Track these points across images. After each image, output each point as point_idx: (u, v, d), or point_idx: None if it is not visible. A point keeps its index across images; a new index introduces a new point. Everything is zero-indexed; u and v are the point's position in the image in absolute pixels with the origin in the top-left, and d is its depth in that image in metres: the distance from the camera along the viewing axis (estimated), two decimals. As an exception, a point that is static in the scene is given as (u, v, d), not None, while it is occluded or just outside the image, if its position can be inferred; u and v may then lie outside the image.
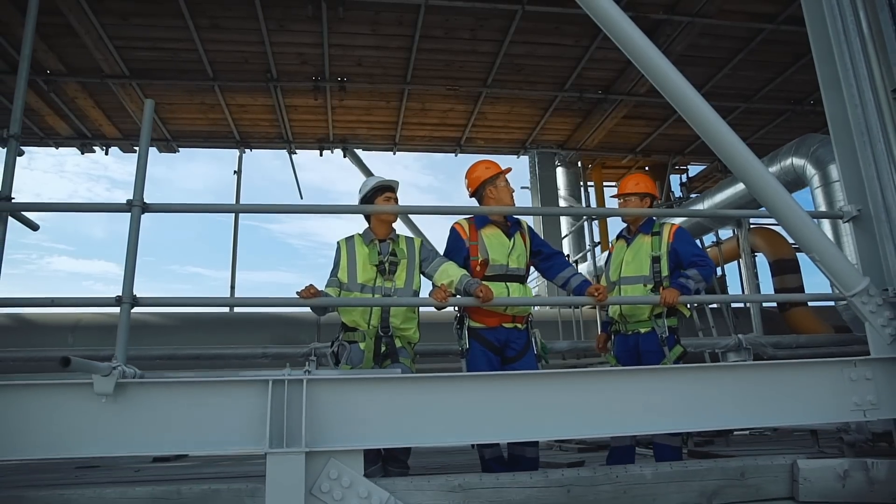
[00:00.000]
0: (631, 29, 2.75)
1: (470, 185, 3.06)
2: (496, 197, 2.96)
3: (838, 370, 2.68)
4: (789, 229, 2.89)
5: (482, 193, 2.98)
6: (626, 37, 2.74)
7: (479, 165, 3.05)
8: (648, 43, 2.74)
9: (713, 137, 2.79)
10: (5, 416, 2.16)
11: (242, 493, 2.34)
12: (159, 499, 2.31)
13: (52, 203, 2.80)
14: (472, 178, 3.04)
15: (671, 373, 2.56)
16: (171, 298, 2.56)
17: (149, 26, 5.45)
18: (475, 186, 3.01)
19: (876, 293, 2.77)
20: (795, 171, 5.38)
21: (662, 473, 2.59)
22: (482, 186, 2.98)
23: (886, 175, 2.85)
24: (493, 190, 2.96)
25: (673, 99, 2.78)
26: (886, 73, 2.92)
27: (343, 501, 2.24)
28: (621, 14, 2.73)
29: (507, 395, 2.39)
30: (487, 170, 3.01)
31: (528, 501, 2.48)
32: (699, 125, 2.80)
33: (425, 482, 2.43)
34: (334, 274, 2.84)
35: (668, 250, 3.12)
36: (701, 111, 2.78)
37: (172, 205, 2.67)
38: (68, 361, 1.95)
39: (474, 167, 3.06)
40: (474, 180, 3.03)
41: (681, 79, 2.76)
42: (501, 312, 2.80)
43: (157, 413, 2.24)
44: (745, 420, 2.57)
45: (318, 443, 2.23)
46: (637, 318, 3.10)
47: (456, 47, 5.98)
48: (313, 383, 2.30)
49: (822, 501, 2.61)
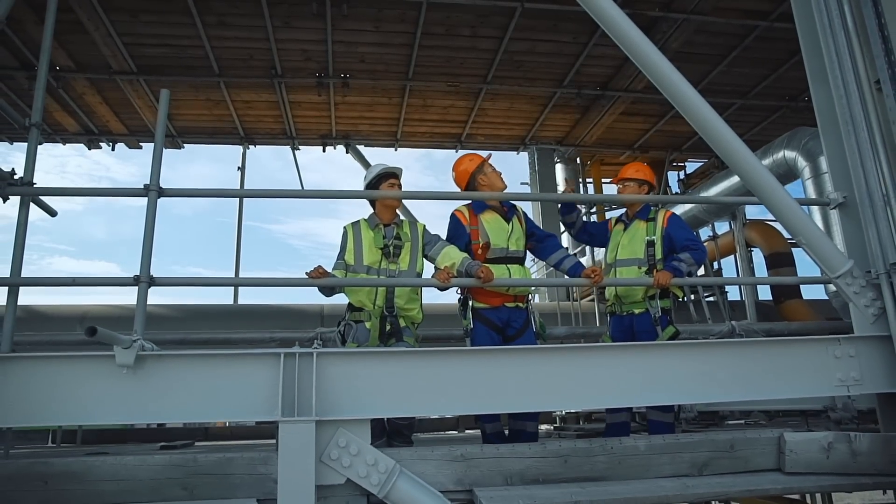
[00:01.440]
0: (628, 26, 2.87)
1: (459, 178, 3.20)
2: (488, 183, 3.11)
3: (824, 348, 2.81)
4: (778, 215, 3.02)
5: (474, 184, 3.11)
6: (624, 34, 2.86)
7: (463, 160, 3.20)
8: (645, 40, 2.86)
9: (707, 129, 2.92)
10: (34, 386, 2.29)
11: (256, 461, 2.47)
12: (177, 466, 2.44)
13: (72, 188, 2.92)
14: (460, 171, 3.19)
15: (664, 348, 2.69)
16: (185, 278, 2.68)
17: (157, 23, 5.59)
18: (466, 179, 3.15)
19: (860, 275, 2.90)
20: (787, 163, 5.52)
21: (655, 445, 2.72)
22: (472, 178, 3.12)
23: (870, 163, 2.98)
24: (483, 178, 3.10)
25: (668, 93, 2.90)
26: (870, 66, 3.05)
27: (351, 468, 2.37)
28: (619, 11, 2.85)
29: (508, 369, 2.51)
30: (472, 161, 3.16)
31: (527, 471, 2.61)
32: (693, 117, 2.92)
33: (429, 452, 2.55)
34: (341, 257, 2.97)
35: (663, 235, 3.26)
36: (694, 103, 2.90)
37: (186, 189, 2.79)
38: (94, 331, 2.07)
39: (459, 162, 3.22)
40: (462, 173, 3.17)
41: (674, 72, 2.89)
42: (503, 293, 2.93)
43: (174, 384, 2.37)
44: (735, 394, 2.69)
45: (328, 413, 2.36)
46: (632, 299, 3.23)
47: (457, 44, 6.11)
48: (322, 357, 2.42)
49: (807, 472, 2.73)
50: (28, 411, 2.29)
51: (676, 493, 2.58)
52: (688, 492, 2.59)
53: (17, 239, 2.76)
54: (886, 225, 2.87)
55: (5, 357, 2.33)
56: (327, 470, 2.34)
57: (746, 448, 2.77)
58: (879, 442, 2.76)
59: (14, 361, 2.31)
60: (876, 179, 2.95)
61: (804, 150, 5.32)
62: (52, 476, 2.34)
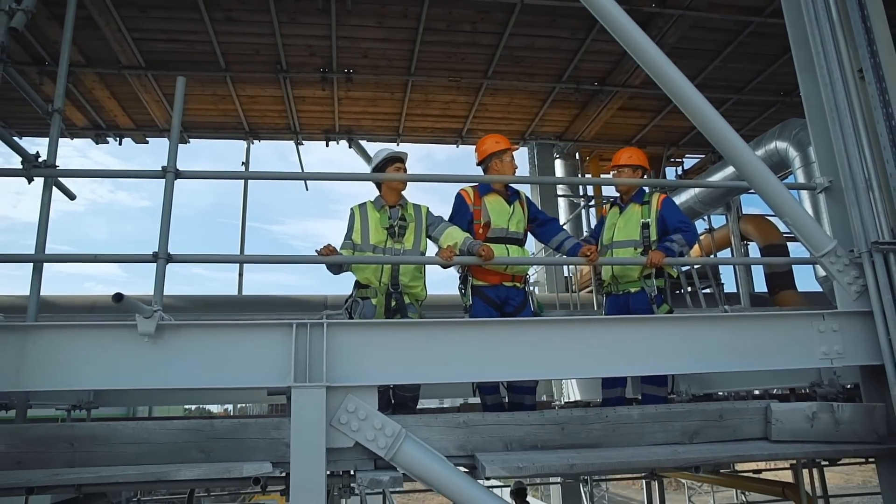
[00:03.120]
0: (626, 21, 3.01)
1: (479, 155, 3.36)
2: (500, 170, 3.26)
3: (808, 322, 2.95)
4: (766, 198, 3.16)
5: (488, 164, 3.27)
6: (623, 29, 3.01)
7: (489, 139, 3.35)
8: (643, 34, 3.01)
9: (698, 116, 3.06)
10: (62, 353, 2.43)
11: (269, 426, 2.61)
12: (195, 430, 2.58)
13: (93, 170, 3.07)
14: (482, 149, 3.35)
15: (657, 321, 2.83)
16: (202, 256, 2.82)
17: (166, 18, 5.73)
18: (483, 157, 3.31)
19: (843, 254, 3.04)
20: (779, 153, 5.67)
21: (648, 414, 2.86)
22: (489, 158, 3.28)
23: (853, 147, 3.12)
24: (498, 163, 3.26)
25: (664, 85, 3.04)
26: (853, 55, 3.19)
27: (360, 432, 2.50)
28: (617, 7, 2.99)
29: (506, 339, 2.65)
30: (497, 144, 3.31)
31: (526, 438, 2.75)
32: (685, 104, 3.06)
33: (433, 419, 2.70)
34: (348, 237, 3.11)
35: (657, 217, 3.41)
36: (689, 95, 3.05)
37: (202, 171, 2.94)
38: (121, 297, 2.21)
39: (485, 139, 3.37)
40: (483, 152, 3.33)
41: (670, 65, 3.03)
42: (502, 272, 3.07)
43: (192, 352, 2.51)
44: (724, 365, 2.83)
45: (337, 380, 2.50)
46: (628, 278, 3.38)
47: (458, 39, 6.25)
48: (333, 327, 2.56)
49: (792, 440, 2.87)
50: (54, 376, 2.43)
51: (668, 458, 2.72)
52: (678, 457, 2.72)
53: (40, 219, 2.90)
54: (868, 206, 3.02)
55: (32, 326, 2.47)
56: (337, 434, 2.47)
57: (735, 417, 2.91)
58: (861, 411, 2.91)
59: (41, 329, 2.45)
60: (859, 164, 3.10)
61: (795, 140, 5.47)
62: (78, 439, 2.48)
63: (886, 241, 2.90)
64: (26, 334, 2.42)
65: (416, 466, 2.47)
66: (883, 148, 3.02)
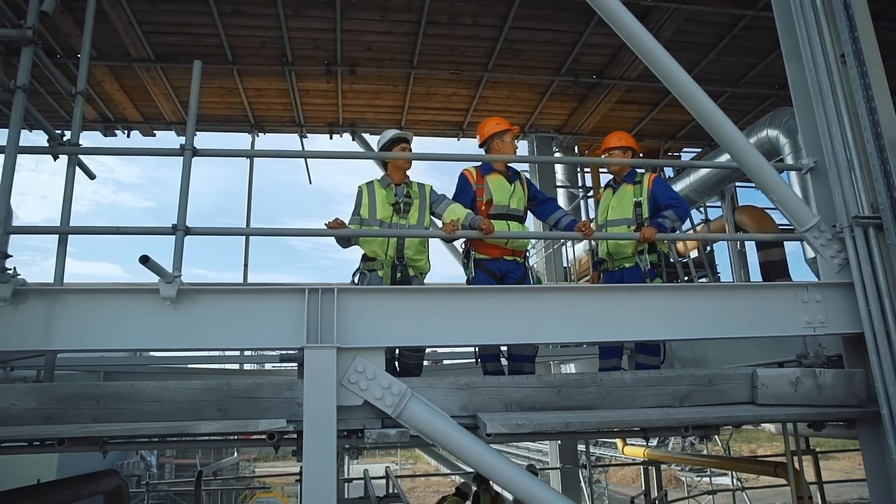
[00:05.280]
0: (624, 13, 3.18)
1: (481, 137, 3.54)
2: (501, 150, 3.43)
3: (793, 293, 3.11)
4: (754, 177, 3.33)
5: (490, 145, 3.45)
6: (621, 21, 3.17)
7: (490, 121, 3.54)
8: (639, 24, 3.17)
9: (693, 104, 3.22)
10: (89, 315, 2.59)
11: (282, 386, 2.77)
12: (212, 389, 2.74)
13: (113, 148, 3.23)
14: (483, 132, 3.53)
15: (649, 290, 2.99)
16: (217, 228, 2.98)
17: (175, 11, 5.89)
18: (485, 138, 3.49)
19: (826, 229, 3.21)
20: (770, 141, 5.83)
21: (640, 379, 3.02)
22: (491, 139, 3.46)
23: (836, 129, 3.28)
24: (499, 143, 3.44)
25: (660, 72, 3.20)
26: (836, 41, 3.35)
27: (368, 391, 2.66)
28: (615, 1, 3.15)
29: (505, 306, 2.81)
30: (497, 125, 3.49)
31: (525, 399, 2.91)
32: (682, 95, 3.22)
33: (437, 381, 2.85)
34: (356, 213, 3.28)
35: (649, 196, 3.57)
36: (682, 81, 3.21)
37: (218, 150, 3.10)
38: (147, 259, 2.37)
39: (486, 122, 3.55)
40: (484, 133, 3.51)
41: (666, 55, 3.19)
42: (502, 246, 3.24)
43: (211, 315, 2.67)
44: (712, 331, 2.99)
45: (347, 341, 2.66)
46: (622, 255, 3.54)
47: (459, 33, 6.41)
48: (343, 293, 2.72)
49: (777, 404, 3.03)
50: (81, 336, 2.59)
51: (659, 418, 2.87)
52: (669, 418, 2.88)
53: (65, 194, 3.07)
54: (850, 184, 3.18)
55: (60, 289, 2.63)
56: (347, 392, 2.63)
57: (723, 382, 3.07)
58: (842, 377, 3.06)
59: (69, 293, 2.61)
60: (841, 144, 3.26)
61: (785, 127, 5.64)
62: (103, 397, 2.64)
63: (866, 215, 3.06)
64: (55, 298, 2.59)
65: (422, 424, 2.63)
66: (864, 128, 3.17)
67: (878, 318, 2.91)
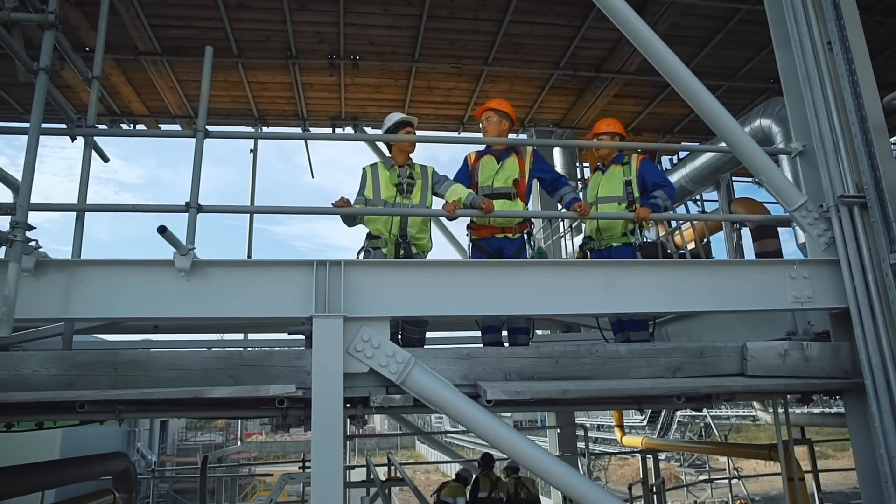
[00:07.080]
0: (623, 6, 3.30)
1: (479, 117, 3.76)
2: (485, 129, 3.66)
3: (781, 269, 3.23)
4: (743, 158, 3.45)
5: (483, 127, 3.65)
6: (620, 14, 3.29)
7: (481, 108, 3.71)
8: (637, 17, 3.29)
9: (686, 91, 3.35)
10: (110, 286, 2.71)
11: (291, 355, 2.89)
12: (225, 358, 2.87)
13: (129, 130, 3.35)
14: (477, 112, 3.71)
15: (642, 265, 3.11)
16: (229, 206, 3.10)
17: (182, 5, 6.01)
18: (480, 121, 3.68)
19: (814, 208, 3.33)
20: (763, 130, 5.96)
21: (634, 351, 3.14)
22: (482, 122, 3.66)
23: (823, 113, 3.41)
24: (484, 124, 3.66)
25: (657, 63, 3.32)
26: (823, 29, 3.48)
27: (373, 359, 2.78)
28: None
29: (502, 278, 2.93)
30: (477, 108, 3.67)
31: (523, 369, 3.03)
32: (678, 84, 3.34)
33: (439, 351, 2.98)
34: (361, 193, 3.42)
35: (637, 175, 3.72)
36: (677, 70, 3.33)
37: (229, 132, 3.22)
38: (165, 229, 2.50)
39: (478, 109, 3.72)
40: (477, 115, 3.70)
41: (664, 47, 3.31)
42: (490, 225, 3.44)
43: (224, 286, 2.79)
44: (703, 304, 3.11)
45: (354, 312, 2.78)
46: (611, 233, 3.68)
47: (460, 27, 6.53)
48: (349, 266, 2.85)
49: (766, 375, 3.15)
50: (99, 306, 2.71)
51: (652, 387, 3.00)
52: (662, 387, 3.01)
53: (82, 175, 3.19)
54: (836, 165, 3.30)
55: (78, 261, 2.76)
56: (353, 360, 2.76)
57: (714, 355, 3.19)
58: (828, 349, 3.19)
59: (87, 265, 2.74)
60: (828, 127, 3.39)
61: (777, 116, 5.77)
62: (120, 364, 2.76)
63: (851, 194, 3.18)
64: (73, 269, 2.71)
65: (425, 390, 2.75)
66: (849, 112, 3.30)
67: (862, 292, 3.04)
